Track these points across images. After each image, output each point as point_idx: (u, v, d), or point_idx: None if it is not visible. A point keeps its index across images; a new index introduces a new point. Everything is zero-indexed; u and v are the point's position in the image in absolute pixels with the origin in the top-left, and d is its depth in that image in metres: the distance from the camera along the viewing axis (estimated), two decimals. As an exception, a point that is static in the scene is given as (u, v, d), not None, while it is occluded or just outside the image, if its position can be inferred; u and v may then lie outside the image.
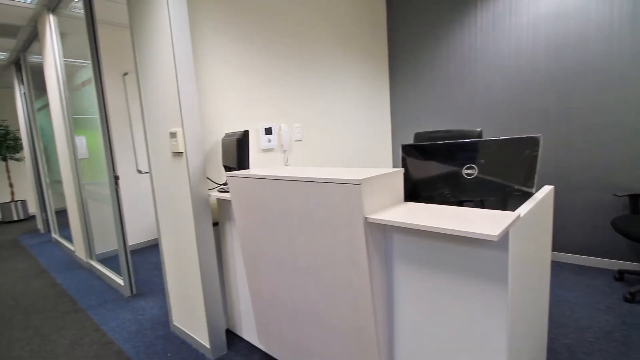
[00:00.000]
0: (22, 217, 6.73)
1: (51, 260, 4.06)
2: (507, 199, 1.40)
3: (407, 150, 1.40)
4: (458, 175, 1.32)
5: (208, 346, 1.97)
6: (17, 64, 5.29)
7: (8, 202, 6.59)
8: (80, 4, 2.84)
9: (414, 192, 1.41)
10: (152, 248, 4.23)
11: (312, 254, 1.36)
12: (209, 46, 2.06)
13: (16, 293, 3.14)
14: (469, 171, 1.31)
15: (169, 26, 1.72)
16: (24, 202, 6.77)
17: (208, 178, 2.01)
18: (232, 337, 2.14)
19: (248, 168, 1.81)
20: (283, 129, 2.48)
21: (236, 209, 1.67)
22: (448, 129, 2.67)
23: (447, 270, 1.11)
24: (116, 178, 2.73)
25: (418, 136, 2.48)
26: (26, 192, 7.14)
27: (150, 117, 2.05)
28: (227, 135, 1.96)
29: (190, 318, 2.11)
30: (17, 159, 6.87)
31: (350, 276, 1.24)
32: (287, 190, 1.37)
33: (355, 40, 3.15)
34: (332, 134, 2.95)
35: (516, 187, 1.29)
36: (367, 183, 1.15)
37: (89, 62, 2.73)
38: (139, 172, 4.22)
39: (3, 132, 6.48)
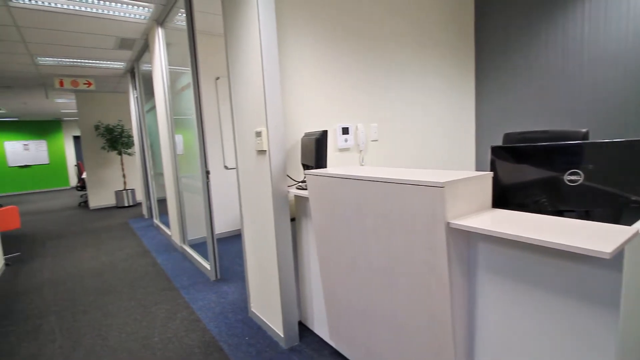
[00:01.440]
0: (131, 203, 7.85)
1: (152, 242, 4.67)
2: (621, 211, 1.20)
3: (498, 152, 1.29)
4: (558, 181, 1.18)
5: (282, 335, 2.07)
6: (131, 72, 6.18)
7: (121, 190, 7.75)
8: (183, 17, 3.20)
9: (504, 198, 1.30)
10: (234, 238, 4.59)
11: (387, 256, 1.34)
12: (292, 49, 2.16)
13: (125, 268, 3.68)
14: (573, 177, 1.15)
15: (259, 35, 1.84)
16: (133, 190, 7.90)
17: (288, 175, 2.10)
18: (304, 330, 2.21)
19: (325, 167, 1.85)
20: (360, 129, 2.48)
21: (313, 206, 1.73)
22: (544, 129, 2.39)
23: (542, 287, 1.00)
24: (207, 172, 3.02)
25: (508, 137, 2.27)
26: (135, 182, 8.31)
27: (239, 117, 2.23)
28: (306, 134, 2.03)
29: (266, 306, 2.24)
30: (129, 154, 8.06)
31: (429, 283, 1.19)
32: (364, 190, 1.37)
33: (438, 36, 3.01)
34: (409, 134, 2.86)
35: (633, 197, 1.10)
36: (450, 186, 1.09)
37: (189, 68, 3.06)
38: (226, 167, 4.61)
39: (119, 130, 7.64)
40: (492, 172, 1.26)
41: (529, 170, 1.24)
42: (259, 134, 1.96)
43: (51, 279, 3.47)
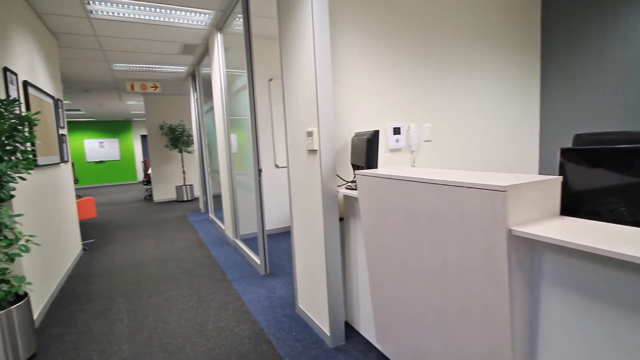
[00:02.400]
0: (189, 198, 8.40)
1: (208, 235, 4.95)
2: None
3: (568, 154, 1.19)
4: (642, 188, 1.05)
5: (328, 334, 2.09)
6: (192, 75, 6.60)
7: (181, 186, 8.32)
8: (240, 22, 3.35)
9: (574, 205, 1.19)
10: (283, 235, 4.72)
11: (441, 261, 1.29)
12: (343, 49, 2.16)
13: (183, 258, 3.94)
14: (661, 184, 1.02)
15: (312, 36, 1.87)
16: (191, 186, 8.44)
17: (337, 175, 2.11)
18: (350, 330, 2.21)
19: (376, 167, 1.83)
20: (412, 129, 2.42)
21: (363, 207, 1.72)
22: (622, 130, 2.14)
23: (617, 306, 0.90)
24: (259, 171, 3.13)
25: (579, 139, 2.06)
26: (193, 178, 8.88)
27: (291, 117, 2.28)
28: (357, 134, 2.02)
29: (313, 304, 2.27)
30: (189, 152, 8.62)
31: (486, 291, 1.13)
32: (417, 192, 1.33)
33: (500, 28, 2.82)
34: (465, 134, 2.72)
35: None
36: (514, 190, 1.02)
37: (244, 71, 3.20)
38: (276, 166, 4.75)
39: (181, 130, 8.21)
40: (561, 177, 1.16)
41: (606, 175, 1.12)
42: (310, 134, 1.99)
43: (121, 264, 3.83)
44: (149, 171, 9.22)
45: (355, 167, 2.00)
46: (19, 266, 2.32)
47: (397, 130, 2.38)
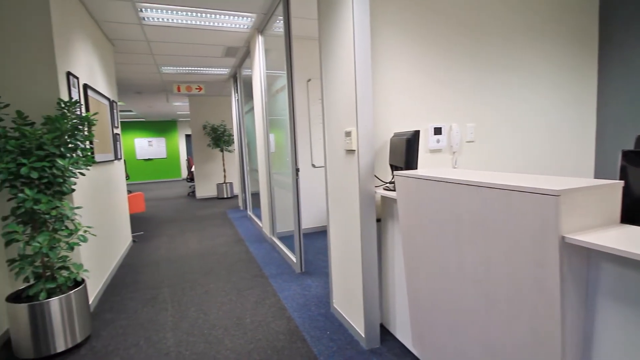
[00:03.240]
0: (229, 195, 8.70)
1: (246, 232, 5.10)
2: None
3: (631, 157, 1.09)
4: None
5: (363, 335, 2.07)
6: (234, 77, 6.83)
7: (221, 183, 8.63)
8: (281, 24, 3.42)
9: (637, 212, 1.09)
10: (318, 234, 4.75)
11: (484, 267, 1.24)
12: (383, 48, 2.13)
13: (223, 253, 4.09)
14: None
15: (352, 36, 1.87)
16: (231, 184, 8.74)
17: (375, 176, 2.09)
18: (385, 334, 2.18)
19: (416, 168, 1.78)
20: (454, 129, 2.34)
21: (401, 208, 1.68)
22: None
23: (692, 326, 0.81)
24: (297, 170, 3.17)
25: (644, 140, 1.88)
26: (233, 176, 9.18)
27: (329, 117, 2.29)
28: (396, 134, 1.99)
29: (348, 305, 2.27)
30: (229, 151, 8.93)
31: (535, 302, 1.06)
32: (460, 194, 1.28)
33: (551, 21, 2.64)
34: (512, 135, 2.58)
35: None
36: (568, 195, 0.95)
37: (284, 72, 3.26)
38: (313, 166, 4.79)
39: (222, 130, 8.52)
40: (622, 181, 1.07)
41: (677, 181, 1.01)
42: (348, 134, 1.99)
43: (166, 256, 4.05)
44: (193, 169, 9.67)
45: (394, 167, 1.96)
46: (77, 255, 2.53)
47: (438, 131, 2.31)
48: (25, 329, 2.02)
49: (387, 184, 2.05)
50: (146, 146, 14.29)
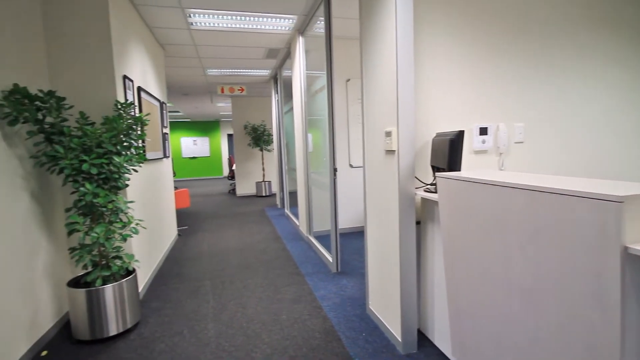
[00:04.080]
0: (267, 193, 8.91)
1: (283, 230, 5.20)
2: None
3: None
4: None
5: (399, 339, 2.03)
6: (274, 78, 6.98)
7: (260, 182, 8.86)
8: (321, 25, 3.44)
9: None
10: (355, 234, 4.72)
11: (534, 276, 1.16)
12: (426, 46, 2.07)
13: (261, 249, 4.20)
14: None
15: (395, 33, 1.83)
16: (269, 182, 8.94)
17: (416, 177, 2.04)
18: (423, 339, 2.12)
19: (459, 170, 1.72)
20: (501, 129, 2.22)
21: (443, 211, 1.63)
22: None
23: None
24: (335, 170, 3.18)
25: None
26: (272, 175, 9.39)
27: (369, 117, 2.27)
28: (438, 135, 1.92)
29: (385, 307, 2.23)
30: (269, 150, 9.14)
31: (590, 317, 0.98)
32: (509, 198, 1.22)
33: (613, 19, 2.42)
34: (566, 136, 2.40)
35: None
36: (632, 201, 0.87)
37: (324, 72, 3.27)
38: (351, 166, 4.77)
39: (262, 130, 8.74)
40: (700, 188, 0.95)
41: None
42: (388, 134, 1.96)
43: (208, 251, 4.24)
44: (234, 167, 10.02)
45: (436, 169, 1.90)
46: (129, 246, 2.72)
47: (483, 131, 2.21)
48: (82, 312, 2.20)
49: (428, 186, 1.99)
50: (191, 145, 15.03)
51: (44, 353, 2.14)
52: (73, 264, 2.64)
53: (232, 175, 10.38)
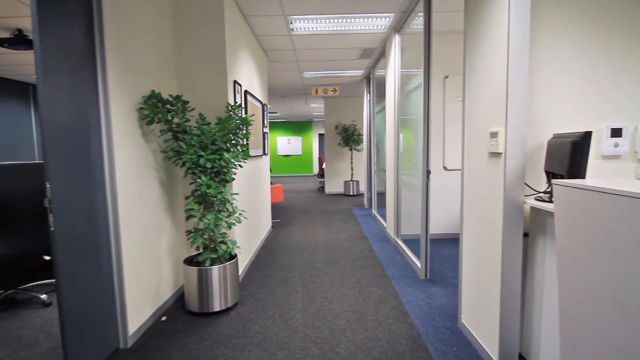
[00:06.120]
0: (355, 193, 8.97)
1: (370, 230, 5.17)
2: None
3: None
4: None
5: (496, 361, 1.85)
6: (367, 78, 6.97)
7: (348, 181, 8.97)
8: (419, 21, 3.31)
9: None
10: (447, 241, 4.45)
11: (688, 313, 0.94)
12: (542, 30, 1.82)
13: (347, 248, 4.25)
14: None
15: (507, 23, 1.66)
16: (357, 182, 8.99)
17: (526, 184, 1.82)
18: (525, 365, 1.89)
19: (583, 177, 1.48)
20: (643, 131, 1.84)
21: (560, 225, 1.42)
22: None
23: None
24: (428, 172, 3.03)
25: None
26: (360, 174, 9.42)
27: (471, 116, 2.11)
28: (557, 136, 1.68)
29: (480, 324, 2.05)
30: (358, 150, 9.20)
31: None
32: (654, 214, 1.00)
33: None
34: None
35: None
36: None
37: (420, 70, 3.15)
38: (445, 168, 4.50)
39: (352, 129, 8.82)
40: None
41: None
42: (494, 135, 1.79)
43: (298, 244, 4.46)
44: (323, 166, 10.34)
45: (552, 175, 1.67)
46: (233, 233, 3.03)
47: (616, 132, 1.86)
48: (194, 288, 2.53)
49: (541, 194, 1.76)
50: (285, 144, 16.03)
51: (164, 318, 2.53)
52: (188, 244, 3.05)
53: (321, 174, 10.73)
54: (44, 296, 2.79)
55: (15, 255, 2.60)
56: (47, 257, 2.81)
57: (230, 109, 2.75)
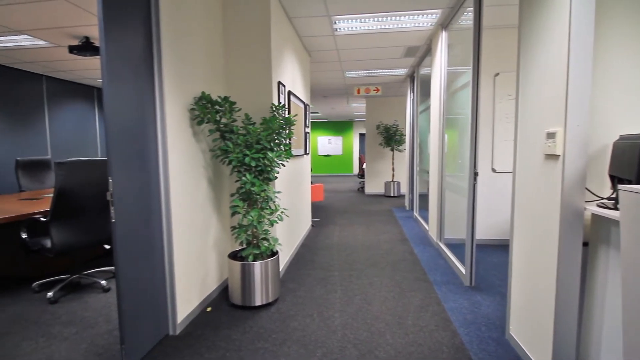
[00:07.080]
0: (396, 194, 8.80)
1: (411, 233, 5.05)
2: None
3: None
4: None
5: (549, 378, 1.72)
6: (411, 77, 6.80)
7: (389, 182, 8.81)
8: (468, 16, 3.17)
9: None
10: (494, 247, 4.22)
11: None
12: (609, 18, 1.66)
13: (387, 250, 4.18)
14: None
15: (568, 19, 1.54)
16: (398, 183, 8.81)
17: (587, 189, 1.68)
18: (582, 385, 1.74)
19: (656, 183, 1.33)
20: None
21: (627, 234, 1.29)
22: None
23: None
24: (475, 174, 2.90)
25: None
26: (401, 175, 9.23)
27: (525, 115, 1.98)
28: (624, 137, 1.53)
29: (531, 337, 1.93)
30: (400, 150, 9.01)
31: None
32: None
33: None
34: None
35: None
36: None
37: (468, 68, 3.01)
38: (493, 170, 4.27)
39: (394, 129, 8.66)
40: None
41: None
42: (551, 135, 1.67)
43: (337, 243, 4.47)
44: (364, 166, 10.26)
45: (617, 179, 1.53)
46: (274, 230, 3.10)
47: (699, 133, 1.65)
48: (237, 281, 2.62)
49: (604, 200, 1.61)
50: (326, 143, 16.10)
51: (209, 309, 2.65)
52: (232, 240, 3.18)
53: (362, 174, 10.65)
54: (104, 282, 3.05)
55: (82, 244, 2.87)
56: (107, 246, 3.07)
57: (274, 109, 2.82)
